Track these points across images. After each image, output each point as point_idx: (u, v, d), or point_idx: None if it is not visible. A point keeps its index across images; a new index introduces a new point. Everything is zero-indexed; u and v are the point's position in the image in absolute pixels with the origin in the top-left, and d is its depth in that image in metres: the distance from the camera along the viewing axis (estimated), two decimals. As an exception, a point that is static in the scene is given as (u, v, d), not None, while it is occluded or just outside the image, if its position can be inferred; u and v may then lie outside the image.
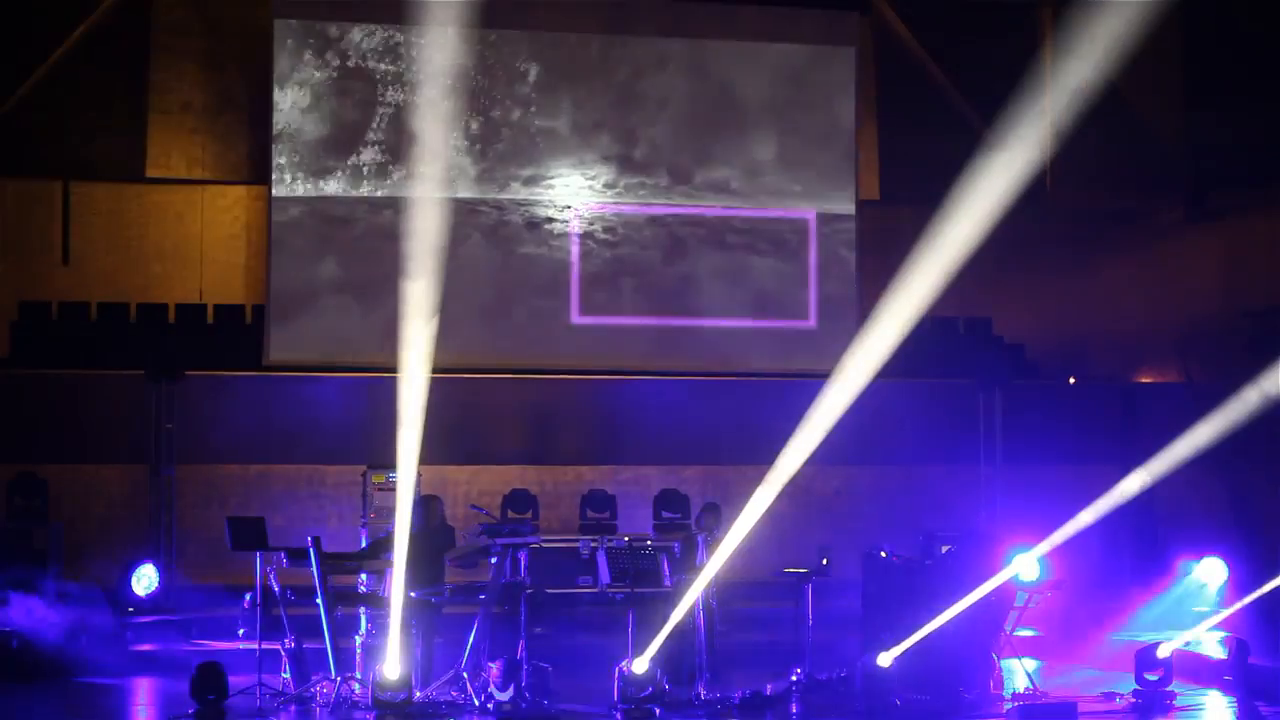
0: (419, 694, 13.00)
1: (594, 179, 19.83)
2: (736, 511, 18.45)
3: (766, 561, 15.68)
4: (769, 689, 13.56)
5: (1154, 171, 20.37)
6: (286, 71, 19.28)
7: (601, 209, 19.85)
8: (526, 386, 19.50)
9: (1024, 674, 13.84)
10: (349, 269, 19.32)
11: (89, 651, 15.09)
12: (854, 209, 20.26)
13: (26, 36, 19.23)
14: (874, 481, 19.34)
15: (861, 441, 19.16)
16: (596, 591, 17.05)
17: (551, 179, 19.72)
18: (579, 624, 16.58)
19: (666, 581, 14.01)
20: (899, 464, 19.01)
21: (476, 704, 12.96)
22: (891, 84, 20.86)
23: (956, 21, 20.55)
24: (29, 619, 15.48)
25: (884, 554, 14.22)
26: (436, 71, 19.73)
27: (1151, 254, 19.96)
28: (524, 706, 12.93)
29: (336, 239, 19.33)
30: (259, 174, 19.64)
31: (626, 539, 16.75)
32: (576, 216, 19.77)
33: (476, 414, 19.25)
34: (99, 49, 19.59)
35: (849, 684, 13.64)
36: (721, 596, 14.95)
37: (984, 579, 13.81)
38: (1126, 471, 19.11)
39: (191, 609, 16.89)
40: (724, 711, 13.36)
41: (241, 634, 15.70)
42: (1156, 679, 13.93)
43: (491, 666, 13.13)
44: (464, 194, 19.63)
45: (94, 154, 19.50)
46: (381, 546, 13.92)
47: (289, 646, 13.48)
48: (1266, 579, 16.53)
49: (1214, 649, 15.51)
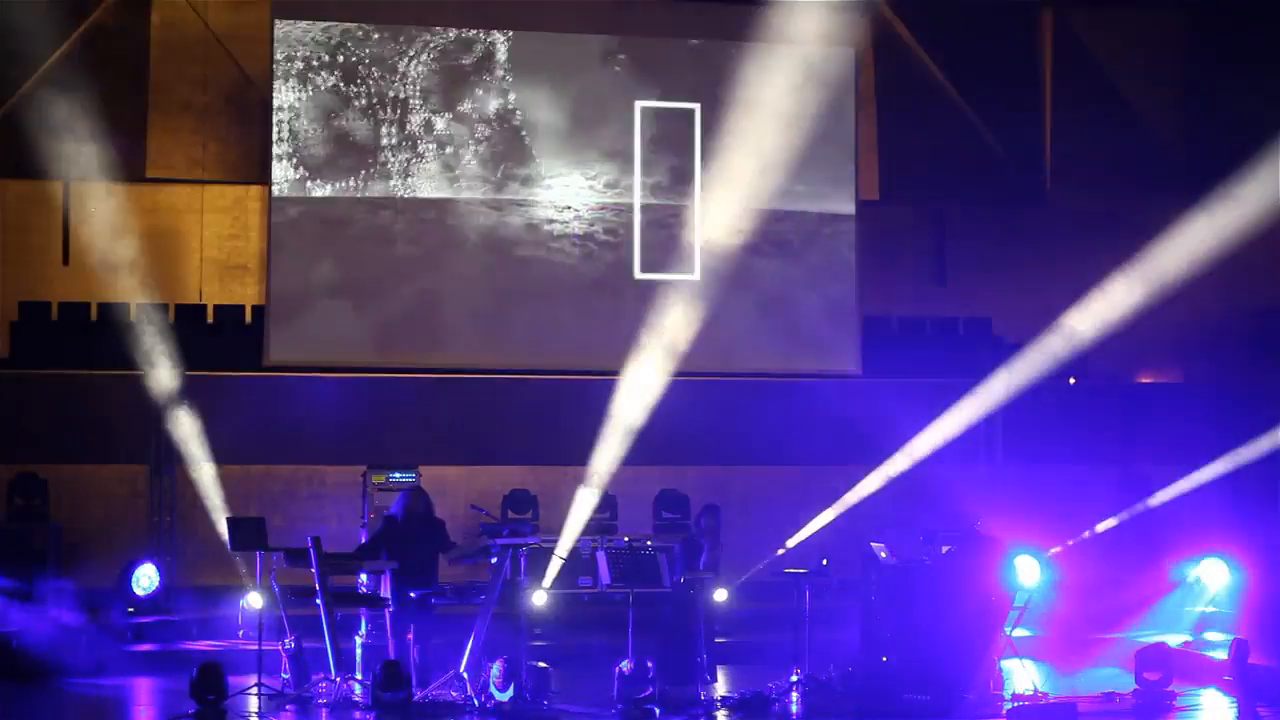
0: (419, 694, 13.01)
1: (594, 179, 19.80)
2: (737, 512, 18.50)
3: (768, 561, 15.68)
4: (769, 689, 13.56)
5: (1155, 171, 20.33)
6: (287, 72, 19.26)
7: (601, 210, 19.81)
8: (526, 386, 19.48)
9: (1024, 674, 13.84)
10: (349, 269, 19.30)
11: (88, 651, 15.07)
12: (854, 209, 20.23)
13: (26, 36, 19.17)
14: (874, 482, 19.28)
15: (861, 441, 19.17)
16: (597, 591, 17.08)
17: (550, 179, 19.69)
18: (579, 624, 16.57)
19: (666, 582, 13.97)
20: (901, 464, 18.95)
21: (476, 704, 12.96)
22: (892, 83, 20.81)
23: (957, 21, 20.50)
24: (29, 619, 15.47)
25: (884, 554, 14.21)
26: (436, 71, 19.78)
27: (1152, 253, 19.90)
28: (524, 706, 12.93)
29: (337, 239, 19.30)
30: (259, 174, 19.59)
31: (627, 539, 16.78)
32: (576, 217, 19.74)
33: (476, 414, 19.23)
34: (99, 49, 19.53)
35: (849, 684, 13.64)
36: (721, 597, 14.94)
37: (984, 579, 13.80)
38: (1127, 472, 19.13)
39: (191, 609, 16.89)
40: (724, 712, 13.35)
41: (241, 634, 15.75)
42: (1156, 679, 13.92)
43: (491, 666, 13.12)
44: (464, 194, 19.61)
45: (94, 154, 19.44)
46: (377, 544, 13.90)
47: (289, 647, 13.48)
48: (1266, 579, 16.55)
49: (1214, 649, 15.51)
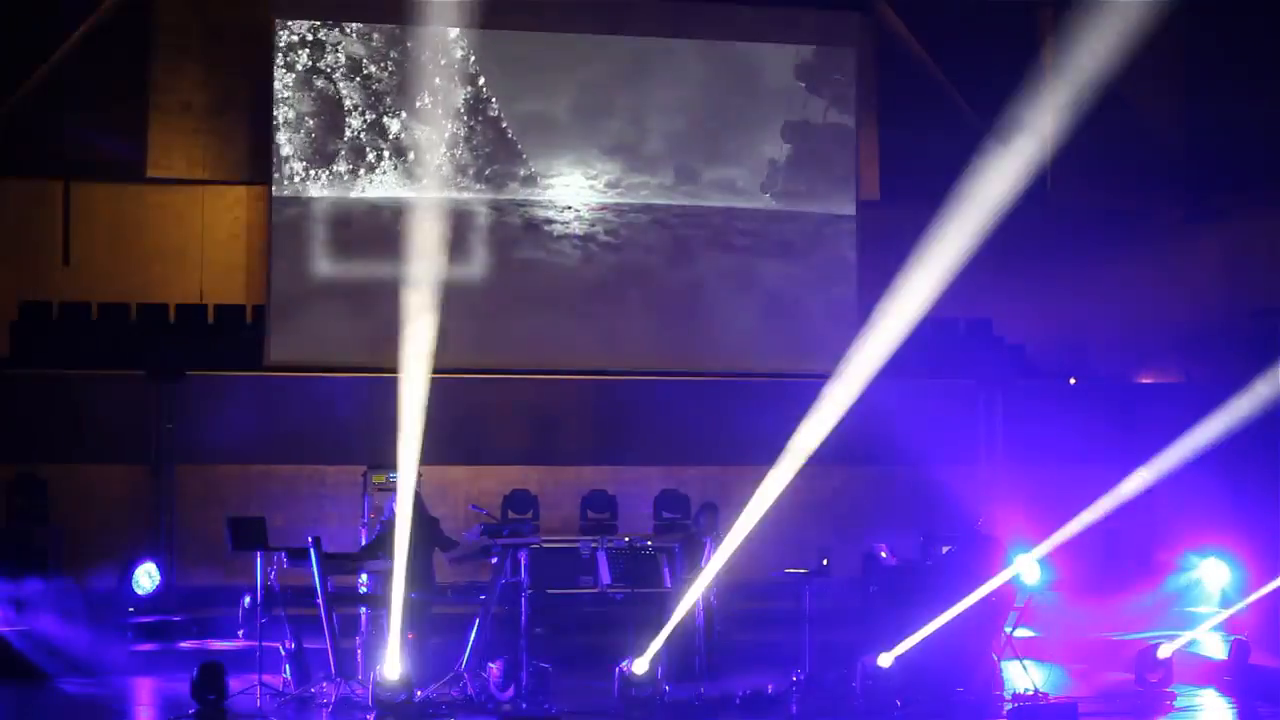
0: (419, 694, 12.99)
1: (595, 179, 19.80)
2: (737, 512, 18.48)
3: (767, 562, 15.66)
4: (770, 689, 13.55)
5: (1155, 171, 20.32)
6: (287, 71, 19.26)
7: (603, 210, 19.81)
8: (527, 387, 19.47)
9: (1024, 675, 13.83)
10: (349, 269, 19.28)
11: (89, 652, 15.06)
12: (854, 209, 20.22)
13: (27, 36, 19.18)
14: (874, 481, 19.30)
15: (862, 442, 19.16)
16: (597, 592, 17.06)
17: (552, 179, 19.69)
18: (579, 624, 16.56)
19: (667, 582, 13.96)
20: (899, 464, 18.97)
21: (477, 704, 12.95)
22: (891, 84, 20.79)
23: (957, 21, 20.48)
24: (29, 620, 15.47)
25: (884, 554, 14.21)
26: (437, 71, 19.77)
27: (1152, 253, 19.92)
28: (524, 707, 12.92)
29: (337, 239, 19.29)
30: (259, 174, 19.58)
31: (627, 539, 16.74)
32: (577, 217, 19.74)
33: (476, 414, 19.21)
34: (99, 49, 19.52)
35: (849, 684, 13.63)
36: (722, 596, 14.94)
37: (984, 579, 13.80)
38: (1127, 472, 19.11)
39: (191, 609, 16.89)
40: (725, 712, 13.35)
41: (241, 634, 15.73)
42: (1156, 680, 13.91)
43: (492, 667, 13.12)
44: (463, 194, 19.60)
45: (94, 154, 19.42)
46: (378, 545, 13.90)
47: (289, 647, 13.47)
48: (1267, 579, 16.53)
49: (1214, 649, 15.50)
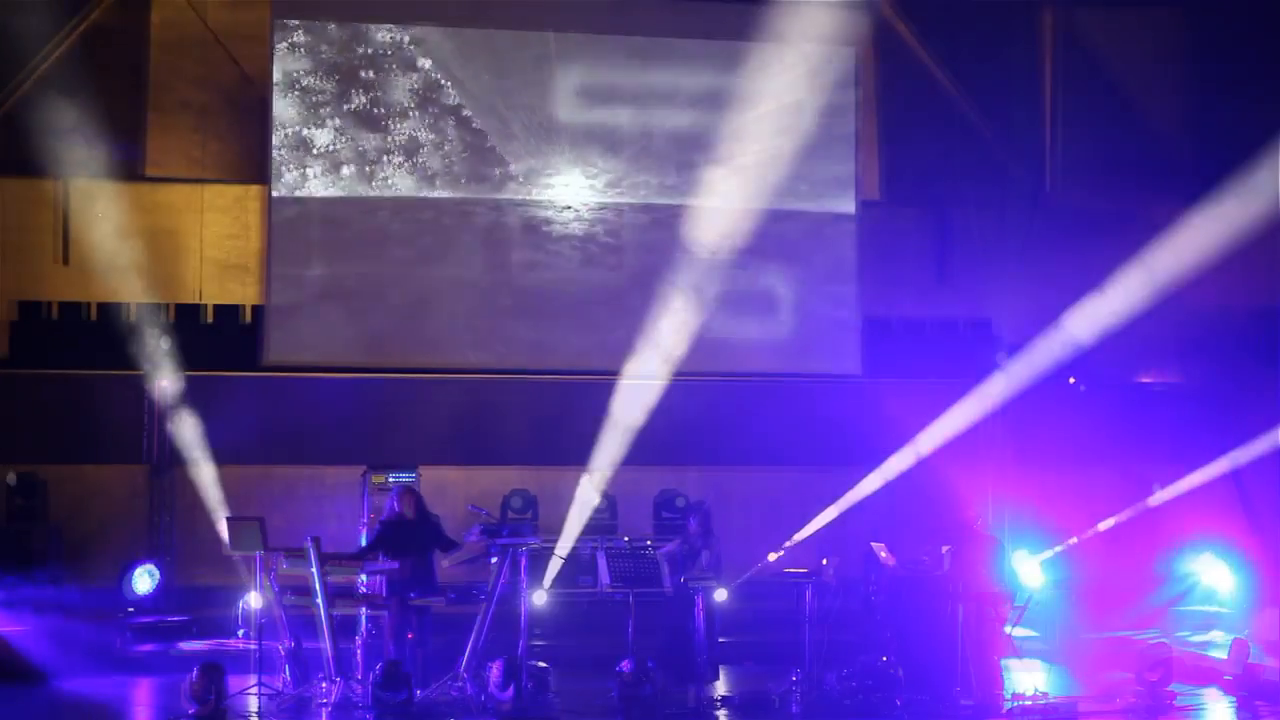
0: (419, 695, 12.97)
1: (595, 179, 19.75)
2: (738, 512, 18.45)
3: (768, 563, 15.61)
4: (770, 691, 13.52)
5: (1156, 171, 20.25)
6: (286, 71, 19.21)
7: (602, 210, 19.76)
8: (526, 387, 19.41)
9: (1025, 675, 13.80)
10: (348, 269, 19.22)
11: (88, 652, 15.03)
12: (855, 209, 20.17)
13: (24, 33, 19.11)
14: (876, 483, 19.24)
15: (863, 442, 19.11)
16: (596, 592, 17.03)
17: (551, 179, 19.63)
18: (579, 624, 16.52)
19: (666, 582, 13.93)
20: (902, 465, 18.90)
21: (477, 705, 12.92)
22: (893, 83, 20.72)
23: (959, 20, 20.41)
24: (28, 620, 15.43)
25: (883, 555, 14.17)
26: (437, 70, 19.71)
27: (1155, 255, 19.86)
28: (524, 707, 12.89)
29: (336, 239, 19.21)
30: (258, 174, 19.49)
31: (627, 540, 16.73)
32: (576, 217, 19.69)
33: (476, 414, 19.17)
34: (98, 47, 19.44)
35: (850, 684, 13.60)
36: (722, 596, 14.91)
37: (980, 576, 13.78)
38: (1128, 473, 19.08)
39: (190, 610, 16.85)
40: (724, 712, 13.32)
41: (241, 635, 15.71)
42: (1157, 679, 13.89)
43: (491, 667, 13.09)
44: (462, 194, 19.55)
45: (92, 153, 19.36)
46: (377, 545, 13.87)
47: (288, 647, 13.45)
48: (1268, 579, 16.53)
49: (1215, 649, 15.48)
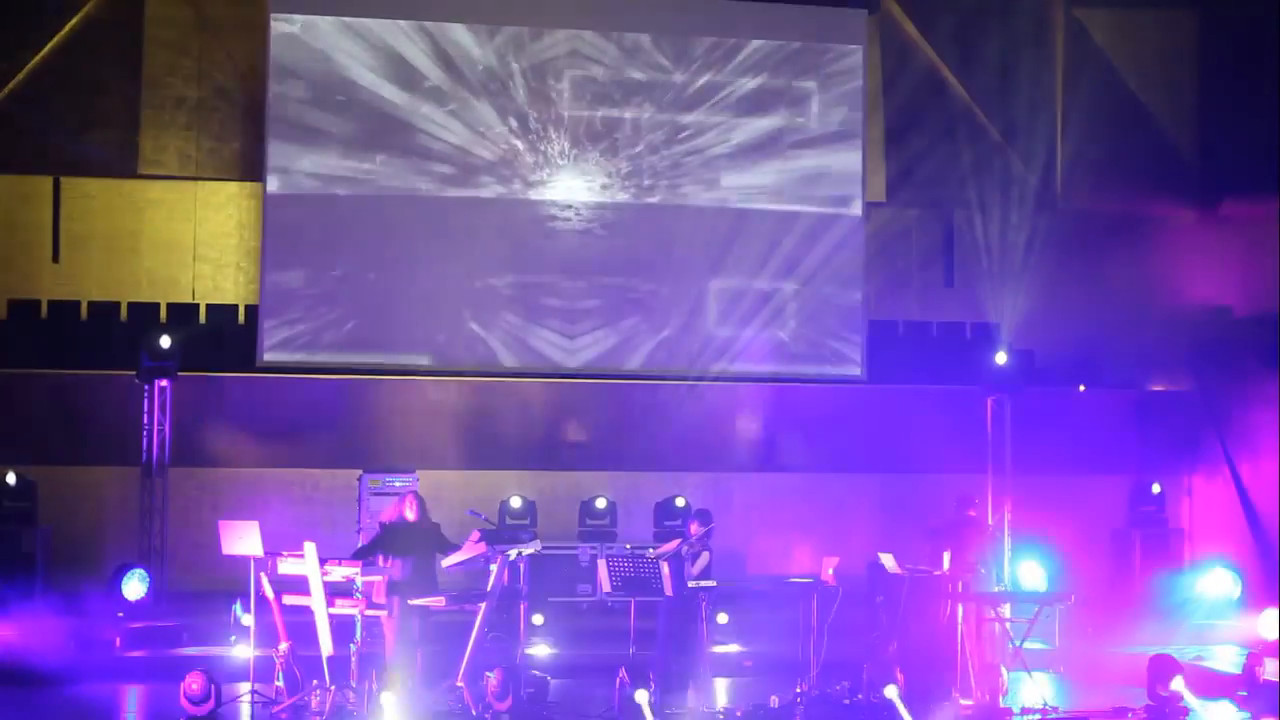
0: (416, 702, 12.79)
1: (596, 178, 19.60)
2: (739, 519, 18.29)
3: (769, 570, 15.46)
4: (773, 701, 13.37)
5: (1166, 176, 20.17)
6: (281, 67, 19.05)
7: (603, 209, 19.61)
8: (525, 391, 19.28)
9: (1034, 687, 13.63)
10: (344, 268, 19.08)
11: (78, 658, 14.85)
12: (861, 210, 20.03)
13: (16, 29, 18.97)
14: (880, 489, 19.12)
15: (867, 448, 18.97)
16: (596, 599, 16.88)
17: (552, 178, 19.49)
18: (578, 632, 16.38)
19: (667, 591, 13.74)
20: (905, 471, 18.79)
21: (474, 713, 12.78)
22: (899, 84, 20.61)
23: (967, 22, 20.33)
24: (17, 624, 15.26)
25: (890, 564, 14.00)
26: (434, 66, 19.54)
27: (1163, 259, 19.79)
28: (523, 717, 12.71)
29: (331, 238, 19.08)
30: (253, 171, 19.41)
31: (628, 547, 16.54)
32: (577, 217, 19.53)
33: (474, 417, 19.03)
34: (91, 43, 19.33)
35: (855, 696, 13.45)
36: (724, 605, 14.74)
37: (971, 562, 13.66)
38: (1137, 480, 18.96)
39: (183, 614, 16.68)
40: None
41: (233, 640, 15.51)
42: (1168, 693, 13.71)
43: (490, 676, 12.93)
44: (460, 193, 19.39)
45: (85, 150, 19.25)
46: (373, 550, 13.69)
47: (282, 653, 13.26)
48: (1274, 589, 16.37)
49: (1227, 663, 15.34)
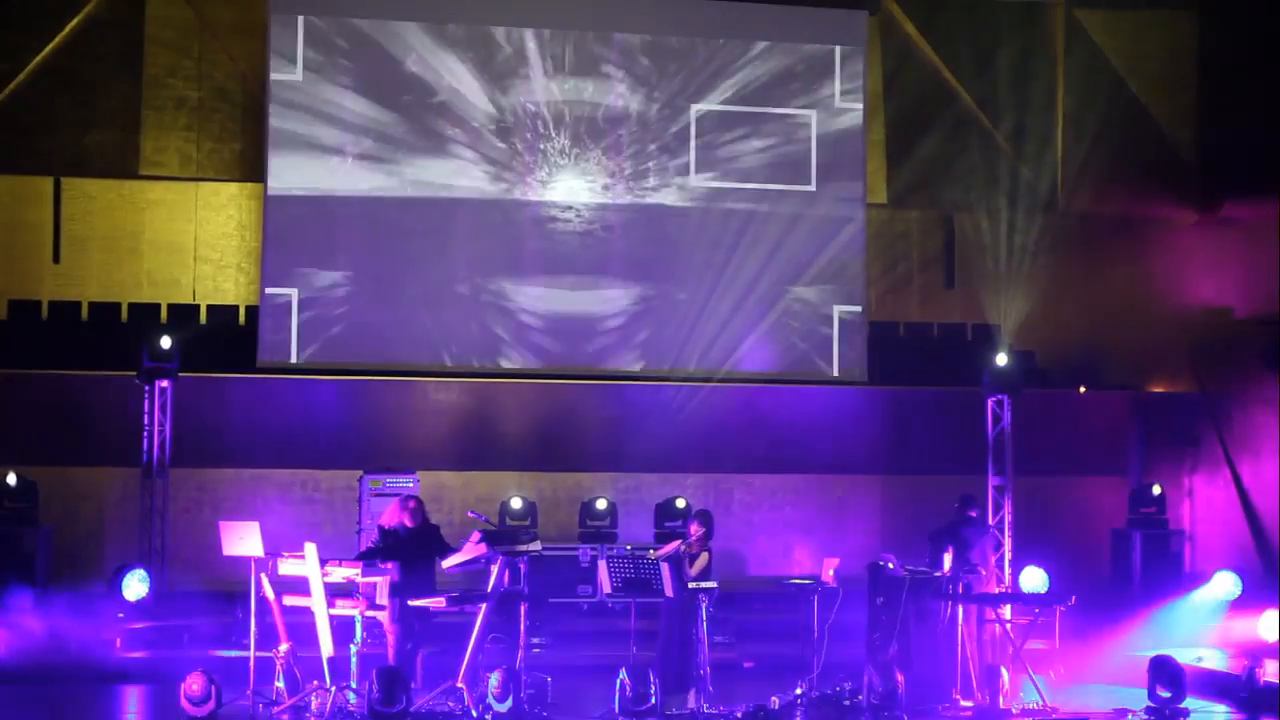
0: (416, 704, 12.78)
1: (596, 179, 19.59)
2: (739, 521, 18.29)
3: (770, 571, 15.48)
4: (773, 702, 13.35)
5: (1167, 177, 20.18)
6: (282, 67, 19.04)
7: (603, 210, 19.60)
8: (525, 391, 19.27)
9: (1035, 688, 13.61)
10: (345, 269, 19.07)
11: (78, 659, 14.84)
12: (861, 211, 20.02)
13: (18, 30, 18.97)
14: (881, 490, 19.11)
15: (868, 449, 18.96)
16: (597, 601, 16.86)
17: (552, 179, 19.48)
18: (579, 634, 16.36)
19: (667, 591, 13.71)
20: (906, 473, 18.78)
21: (474, 715, 12.76)
22: (900, 85, 20.62)
23: (969, 23, 20.33)
24: (17, 625, 15.25)
25: (890, 565, 13.99)
26: (433, 67, 19.53)
27: (1164, 261, 19.79)
28: (523, 717, 12.68)
29: (332, 238, 19.08)
30: (254, 172, 19.42)
31: (628, 548, 16.53)
32: (577, 217, 19.52)
33: (475, 418, 19.03)
34: (92, 43, 19.34)
35: (855, 698, 13.43)
36: (724, 607, 14.72)
37: (972, 560, 13.66)
38: (1137, 482, 18.97)
39: (183, 615, 16.66)
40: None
41: (234, 642, 15.50)
42: (1169, 695, 13.69)
43: (490, 677, 12.90)
44: (460, 193, 19.39)
45: (86, 150, 19.27)
46: (374, 554, 13.69)
47: (282, 654, 13.24)
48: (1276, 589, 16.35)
49: (1228, 665, 15.32)
